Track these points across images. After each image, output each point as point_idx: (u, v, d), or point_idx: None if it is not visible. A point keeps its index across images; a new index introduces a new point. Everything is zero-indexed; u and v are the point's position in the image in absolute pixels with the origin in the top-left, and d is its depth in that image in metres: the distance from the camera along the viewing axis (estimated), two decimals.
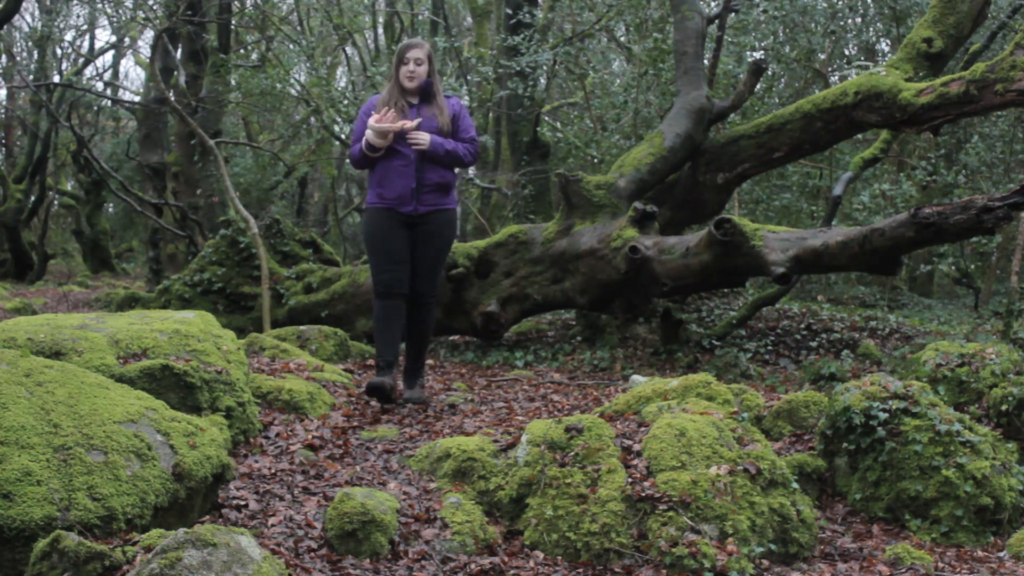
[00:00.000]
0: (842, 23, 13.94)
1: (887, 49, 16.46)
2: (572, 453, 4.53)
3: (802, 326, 9.67)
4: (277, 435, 5.25)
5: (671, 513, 4.20)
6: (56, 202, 26.81)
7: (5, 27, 19.65)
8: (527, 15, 14.52)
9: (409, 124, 5.67)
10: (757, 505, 4.32)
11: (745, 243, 7.52)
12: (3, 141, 26.39)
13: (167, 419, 4.07)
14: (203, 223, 16.26)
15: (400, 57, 5.79)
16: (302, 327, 8.49)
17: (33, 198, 22.00)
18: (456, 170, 6.11)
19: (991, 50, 11.48)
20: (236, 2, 18.57)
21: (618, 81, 14.83)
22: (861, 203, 12.13)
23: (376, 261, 5.86)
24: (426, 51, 5.79)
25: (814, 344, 8.85)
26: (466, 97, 16.69)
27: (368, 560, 3.99)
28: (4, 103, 25.77)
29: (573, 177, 8.99)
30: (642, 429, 4.81)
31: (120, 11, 20.18)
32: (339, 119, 15.89)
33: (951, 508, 4.67)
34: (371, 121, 5.62)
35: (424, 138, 5.70)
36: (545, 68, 14.94)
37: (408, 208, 5.79)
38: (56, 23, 22.01)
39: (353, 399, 6.27)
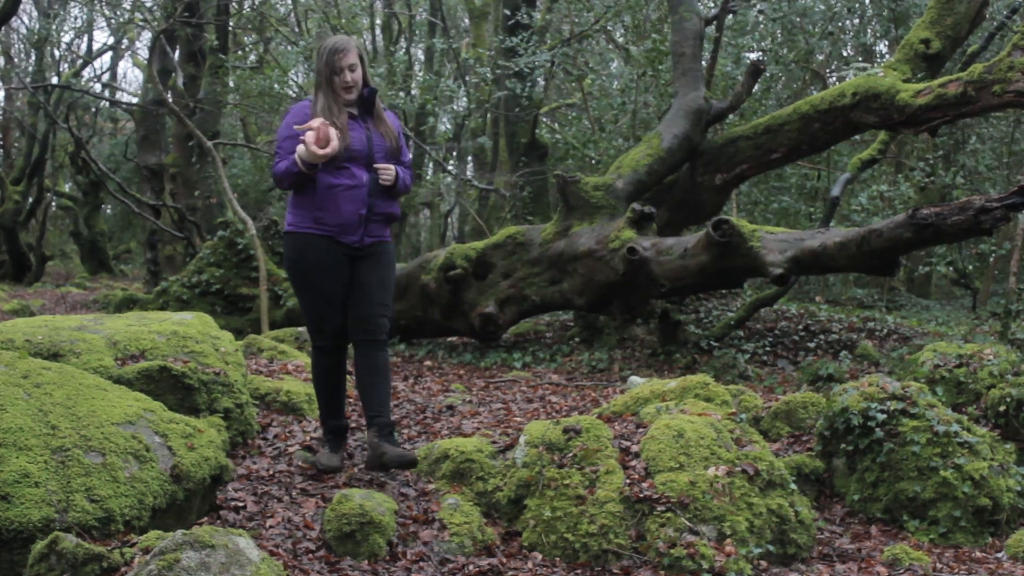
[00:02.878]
0: (840, 24, 13.95)
1: (885, 50, 16.48)
2: (570, 454, 4.53)
3: (800, 327, 9.67)
4: (275, 436, 5.25)
5: (669, 514, 4.20)
6: (54, 203, 26.80)
7: (3, 28, 19.64)
8: (525, 16, 14.53)
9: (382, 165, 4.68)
10: (755, 506, 4.32)
11: (743, 244, 7.52)
12: (1, 143, 26.38)
13: (165, 420, 4.07)
14: (201, 224, 16.25)
15: (330, 65, 4.66)
16: (300, 328, 8.49)
17: (31, 199, 21.99)
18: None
19: (989, 51, 11.50)
20: (234, 3, 18.56)
21: (616, 82, 14.84)
22: (859, 204, 12.14)
23: (314, 303, 4.71)
24: (356, 52, 4.72)
25: (812, 345, 8.85)
26: (464, 99, 16.70)
27: (366, 561, 3.99)
28: (2, 105, 25.77)
29: (571, 178, 9.00)
30: (640, 430, 4.81)
31: (118, 12, 20.17)
32: None
33: (949, 509, 4.67)
34: (310, 139, 4.47)
35: (390, 171, 4.70)
36: (543, 69, 14.93)
37: (352, 238, 4.66)
38: (54, 24, 21.99)
39: (350, 400, 6.26)
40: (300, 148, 4.51)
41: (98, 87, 27.05)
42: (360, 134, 4.68)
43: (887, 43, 15.73)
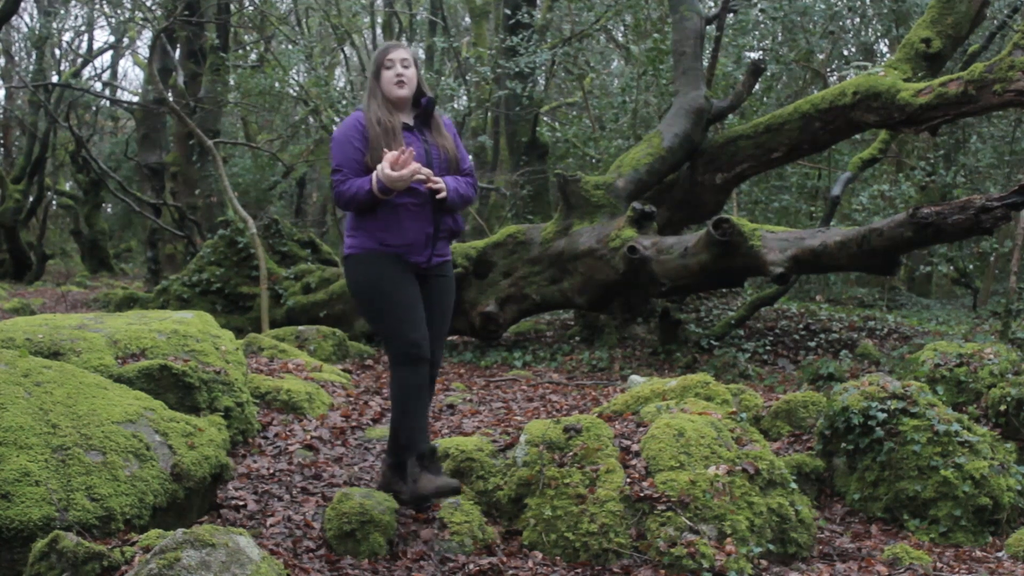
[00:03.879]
0: (841, 24, 13.94)
1: (886, 49, 16.47)
2: (571, 453, 4.53)
3: (800, 326, 9.67)
4: (276, 435, 5.25)
5: (670, 513, 4.20)
6: (54, 202, 26.79)
7: (3, 28, 19.64)
8: (526, 15, 14.53)
9: (427, 173, 4.26)
10: (756, 505, 4.32)
11: (743, 243, 7.52)
12: (2, 141, 26.38)
13: (165, 419, 4.07)
14: (201, 223, 16.26)
15: (380, 61, 4.36)
16: (300, 327, 8.49)
17: (31, 198, 21.98)
18: None
19: (990, 50, 11.49)
20: (235, 2, 18.56)
21: (616, 81, 14.84)
22: (860, 203, 12.14)
23: (394, 318, 4.27)
24: (411, 51, 4.41)
25: (813, 344, 8.85)
26: (464, 98, 16.70)
27: (367, 560, 3.99)
28: (3, 103, 25.77)
29: (572, 177, 9.00)
30: (640, 429, 4.81)
31: (118, 11, 20.18)
32: (338, 119, 15.89)
33: (949, 508, 4.67)
34: (385, 166, 4.09)
35: (439, 185, 4.28)
36: (544, 68, 14.94)
37: (420, 258, 4.31)
38: (54, 23, 22.00)
39: (351, 399, 6.27)
40: (379, 170, 4.13)
41: (99, 86, 27.07)
42: (418, 148, 4.31)
43: (888, 42, 15.73)
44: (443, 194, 4.26)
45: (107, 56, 28.83)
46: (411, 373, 4.23)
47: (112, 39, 26.96)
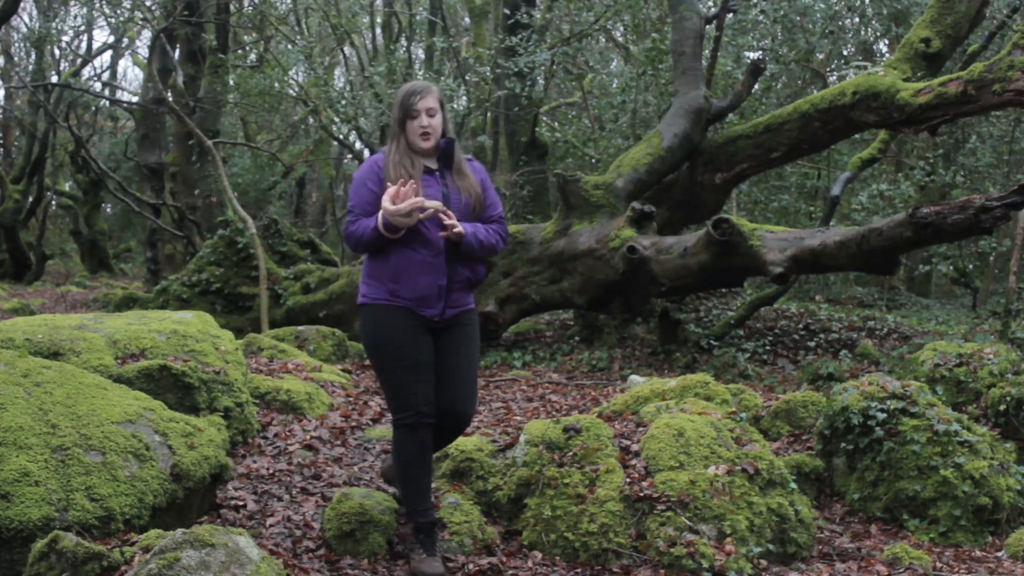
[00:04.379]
0: (840, 23, 13.95)
1: (885, 49, 16.47)
2: (570, 453, 4.53)
3: (800, 326, 9.67)
4: (275, 435, 5.25)
5: (669, 513, 4.20)
6: (54, 202, 26.79)
7: (3, 28, 19.64)
8: (525, 15, 14.53)
9: (436, 205, 3.97)
10: (755, 505, 4.32)
11: (743, 243, 7.52)
12: (1, 141, 26.38)
13: (165, 419, 4.07)
14: (201, 223, 16.25)
15: (406, 108, 4.11)
16: (300, 327, 8.49)
17: (31, 198, 21.97)
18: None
19: (989, 50, 11.49)
20: (234, 2, 18.56)
21: (616, 81, 14.85)
22: (859, 203, 12.14)
23: (397, 378, 4.02)
24: (436, 96, 4.14)
25: (812, 344, 8.85)
26: (464, 98, 16.69)
27: (366, 560, 3.99)
28: (2, 103, 25.76)
29: (571, 177, 9.00)
30: (640, 429, 4.81)
31: (118, 11, 20.17)
32: (337, 119, 15.89)
33: (949, 508, 4.68)
34: (386, 200, 3.90)
35: (459, 226, 4.00)
36: (543, 68, 14.93)
37: (432, 311, 4.05)
38: (54, 23, 21.99)
39: (351, 399, 6.27)
40: (386, 209, 3.91)
41: (98, 86, 27.06)
42: (435, 190, 4.06)
43: (887, 42, 15.73)
44: (458, 229, 3.98)
45: (106, 56, 28.84)
46: (410, 439, 4.01)
47: (111, 39, 26.97)
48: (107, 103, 24.67)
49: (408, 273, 4.03)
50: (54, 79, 22.54)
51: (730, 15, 11.46)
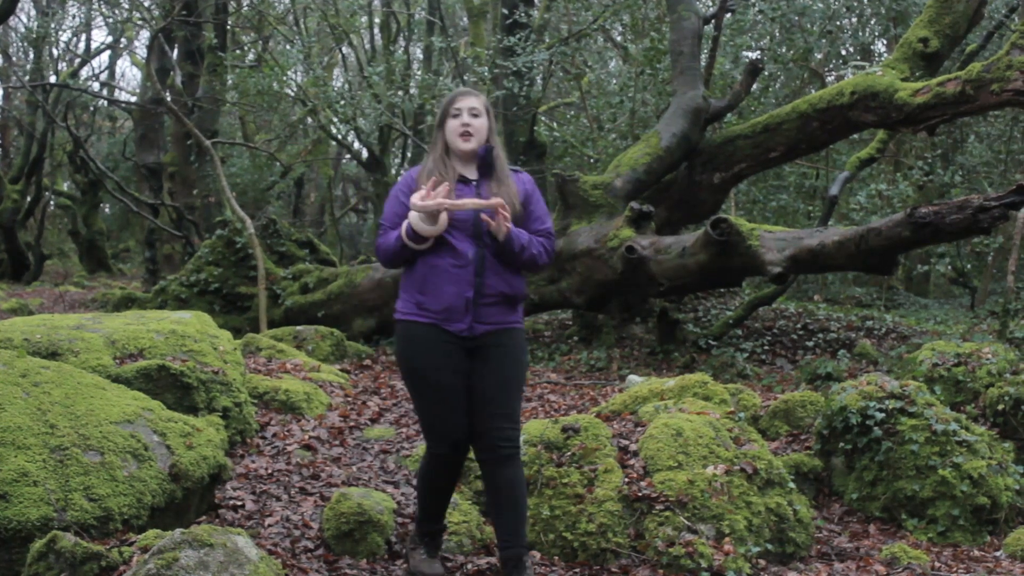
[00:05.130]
0: (838, 23, 13.95)
1: (883, 49, 16.48)
2: (569, 453, 4.54)
3: (799, 326, 9.68)
4: (274, 435, 5.25)
5: (668, 513, 4.21)
6: (52, 202, 26.76)
7: (1, 27, 19.63)
8: (523, 15, 14.52)
9: (479, 202, 3.72)
10: (754, 505, 4.32)
11: (742, 243, 7.52)
12: (0, 141, 26.38)
13: (164, 419, 4.07)
14: (199, 223, 16.24)
15: (447, 109, 3.89)
16: (299, 327, 8.49)
17: (29, 198, 21.95)
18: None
19: (987, 50, 11.50)
20: (232, 2, 18.55)
21: (614, 81, 14.84)
22: (858, 203, 12.14)
23: (423, 401, 3.83)
24: (482, 100, 3.90)
25: (811, 344, 8.86)
26: None
27: (365, 560, 3.99)
28: (0, 103, 25.75)
29: (570, 177, 9.00)
30: (639, 429, 4.81)
31: (116, 11, 20.17)
32: (335, 119, 15.88)
33: (948, 507, 4.68)
34: (415, 198, 3.70)
35: (504, 222, 3.73)
36: (541, 68, 14.92)
37: (460, 325, 3.77)
38: (52, 23, 21.96)
39: (350, 399, 6.27)
40: (412, 215, 3.73)
41: (96, 86, 27.05)
42: (469, 199, 3.78)
43: (885, 42, 15.74)
44: (502, 228, 3.71)
45: (105, 56, 28.82)
46: (438, 464, 3.83)
47: (110, 39, 26.95)
48: (105, 103, 24.66)
49: (433, 282, 3.79)
50: (52, 79, 22.52)
51: (728, 15, 11.47)
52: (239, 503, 4.31)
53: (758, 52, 13.42)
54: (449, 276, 3.76)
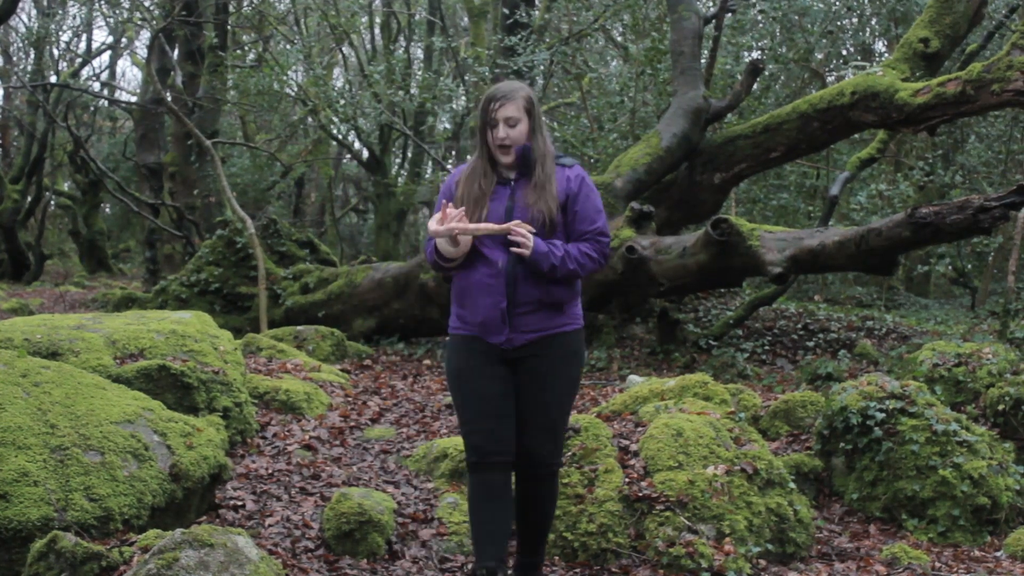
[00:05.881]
0: (839, 23, 13.95)
1: (884, 49, 16.48)
2: (569, 453, 4.53)
3: (799, 326, 9.67)
4: (274, 435, 5.25)
5: (668, 513, 4.20)
6: (53, 202, 26.76)
7: (2, 28, 19.63)
8: (524, 15, 14.52)
9: (492, 227, 3.58)
10: (754, 505, 4.32)
11: (742, 243, 7.52)
12: (0, 141, 26.37)
13: (164, 419, 4.07)
14: (200, 223, 16.24)
15: (485, 117, 3.71)
16: (299, 327, 8.49)
17: (30, 198, 21.95)
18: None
19: (988, 50, 11.50)
20: (233, 2, 18.55)
21: (615, 81, 14.83)
22: (858, 203, 12.14)
23: (462, 413, 3.72)
24: (520, 104, 3.67)
25: (811, 344, 8.85)
26: (463, 98, 16.70)
27: (365, 560, 3.99)
28: (1, 103, 25.75)
29: None
30: (639, 429, 4.81)
31: (117, 11, 20.16)
32: (336, 119, 15.88)
33: (948, 508, 4.68)
34: (432, 223, 3.61)
35: (528, 240, 3.57)
36: (542, 68, 14.92)
37: (498, 338, 3.64)
38: (53, 23, 21.97)
39: (350, 399, 6.27)
40: (429, 229, 3.65)
41: (97, 86, 27.05)
42: (500, 204, 3.66)
43: (886, 42, 15.74)
44: (525, 247, 3.56)
45: (105, 56, 28.81)
46: (477, 482, 3.65)
47: (110, 39, 26.95)
48: (106, 103, 24.66)
49: (470, 294, 3.68)
50: (53, 79, 22.52)
51: (729, 15, 11.47)
52: (239, 503, 4.31)
53: (758, 52, 13.41)
54: (483, 287, 3.64)
